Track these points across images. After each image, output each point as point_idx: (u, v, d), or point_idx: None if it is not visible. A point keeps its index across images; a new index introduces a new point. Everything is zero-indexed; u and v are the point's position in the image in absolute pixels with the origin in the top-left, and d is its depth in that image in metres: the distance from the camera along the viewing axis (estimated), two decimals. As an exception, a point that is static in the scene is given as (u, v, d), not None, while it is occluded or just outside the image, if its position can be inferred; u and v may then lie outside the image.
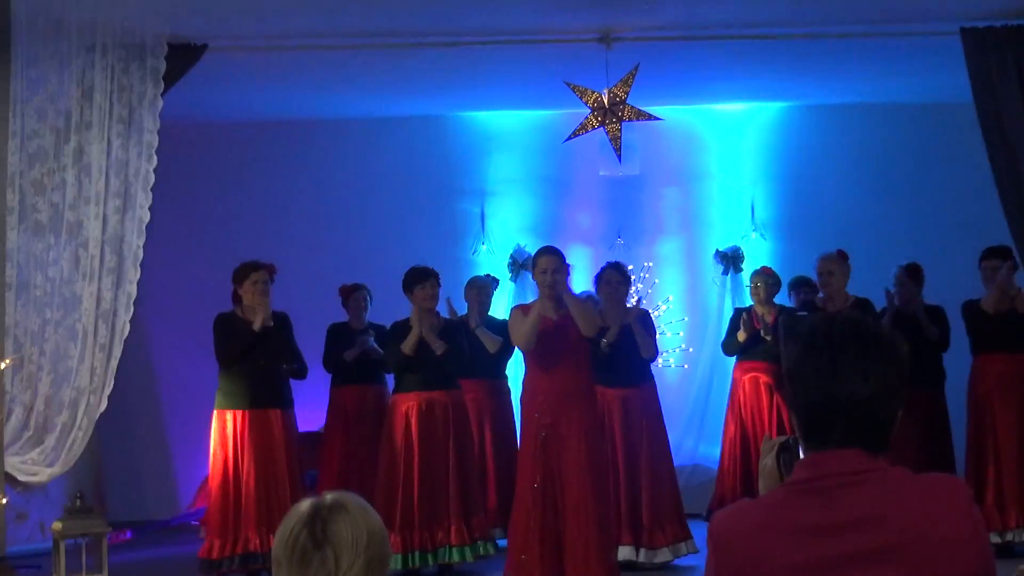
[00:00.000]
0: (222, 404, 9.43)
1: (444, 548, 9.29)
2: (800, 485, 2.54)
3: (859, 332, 2.57)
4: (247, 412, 9.34)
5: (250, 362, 9.37)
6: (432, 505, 9.32)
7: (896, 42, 10.50)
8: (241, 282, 9.45)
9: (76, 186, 8.47)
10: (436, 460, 9.39)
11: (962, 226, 12.40)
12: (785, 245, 12.90)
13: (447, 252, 12.10)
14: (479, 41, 10.01)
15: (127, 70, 8.56)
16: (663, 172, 12.96)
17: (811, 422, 2.57)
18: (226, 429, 9.35)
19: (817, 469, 2.53)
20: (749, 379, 10.87)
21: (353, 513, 2.75)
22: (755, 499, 2.69)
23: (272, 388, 9.48)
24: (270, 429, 9.37)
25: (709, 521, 2.69)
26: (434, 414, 9.45)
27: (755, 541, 2.51)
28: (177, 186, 11.20)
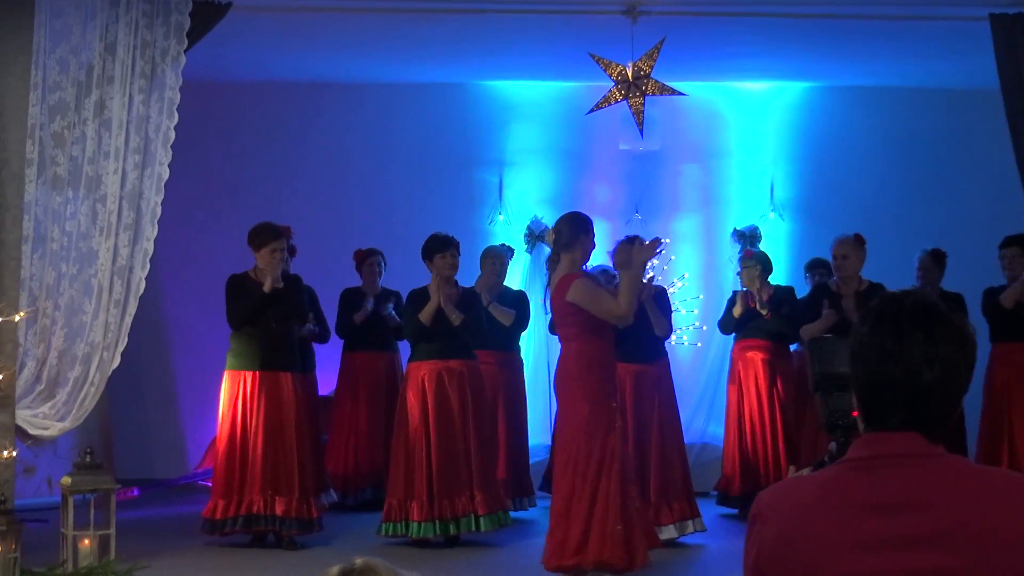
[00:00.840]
0: (233, 365, 9.44)
1: (469, 517, 9.30)
2: (855, 463, 2.52)
3: (928, 315, 2.54)
4: (257, 374, 9.35)
5: (261, 324, 9.37)
6: (452, 475, 9.34)
7: (924, 25, 10.46)
8: (259, 248, 9.42)
9: (96, 140, 8.42)
10: (452, 429, 9.41)
11: (983, 214, 12.40)
12: (803, 226, 12.88)
13: (463, 221, 12.07)
14: (507, 10, 9.95)
15: (151, 25, 8.50)
16: (683, 148, 12.94)
17: (871, 402, 2.55)
18: (236, 390, 9.37)
19: (874, 448, 2.51)
20: (748, 358, 10.92)
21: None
22: (804, 476, 2.68)
23: (283, 350, 9.47)
24: (280, 392, 9.36)
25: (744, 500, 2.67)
26: (450, 383, 9.46)
27: (805, 517, 2.50)
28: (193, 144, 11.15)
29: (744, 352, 10.97)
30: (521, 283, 12.33)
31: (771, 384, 10.84)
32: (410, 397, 9.51)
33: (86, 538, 8.01)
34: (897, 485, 2.46)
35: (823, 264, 11.17)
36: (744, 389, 10.92)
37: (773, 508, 2.56)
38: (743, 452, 10.90)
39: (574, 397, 8.04)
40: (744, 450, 10.89)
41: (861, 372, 2.55)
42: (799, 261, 12.11)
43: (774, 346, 10.92)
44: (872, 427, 2.55)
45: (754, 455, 10.84)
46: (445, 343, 9.53)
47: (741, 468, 10.88)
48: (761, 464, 10.84)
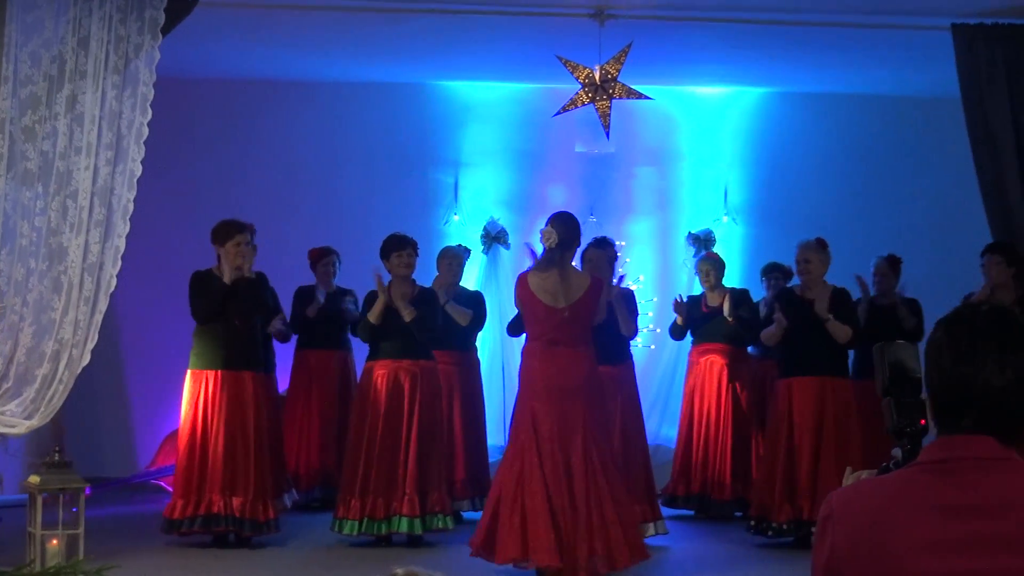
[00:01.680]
0: (196, 364, 9.42)
1: (396, 518, 9.32)
2: (931, 465, 2.56)
3: (1003, 322, 2.60)
4: (219, 373, 9.33)
5: (224, 322, 9.35)
6: (389, 475, 9.36)
7: (881, 33, 10.62)
8: (223, 242, 9.40)
9: (68, 135, 8.31)
10: (397, 430, 9.43)
11: (937, 220, 12.62)
12: (757, 230, 13.02)
13: (419, 221, 12.06)
14: (474, 10, 9.98)
15: (125, 20, 8.40)
16: (638, 152, 13.06)
17: (945, 406, 2.60)
18: (198, 389, 9.35)
19: (948, 451, 2.55)
20: (707, 362, 11.02)
21: None
22: (877, 478, 2.72)
23: (247, 349, 9.47)
24: (242, 391, 9.36)
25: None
26: (402, 384, 9.47)
27: (882, 517, 2.54)
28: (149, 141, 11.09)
29: (702, 356, 11.07)
30: (477, 284, 12.36)
31: (731, 388, 10.95)
32: (363, 397, 9.54)
33: (54, 538, 7.95)
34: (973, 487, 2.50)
35: (778, 268, 11.31)
36: (701, 392, 11.01)
37: (847, 509, 2.60)
38: (693, 455, 11.00)
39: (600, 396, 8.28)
40: (695, 453, 10.99)
41: (936, 375, 2.61)
42: (752, 265, 12.24)
43: (732, 349, 11.04)
44: (945, 430, 2.60)
45: (705, 458, 10.94)
46: (401, 343, 9.53)
47: (690, 471, 10.98)
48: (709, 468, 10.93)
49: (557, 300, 8.24)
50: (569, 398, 8.19)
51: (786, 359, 9.70)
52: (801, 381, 9.48)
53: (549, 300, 8.23)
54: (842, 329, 9.46)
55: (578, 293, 8.24)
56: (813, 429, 9.39)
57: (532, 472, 8.04)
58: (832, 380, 9.47)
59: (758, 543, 9.65)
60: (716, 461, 10.91)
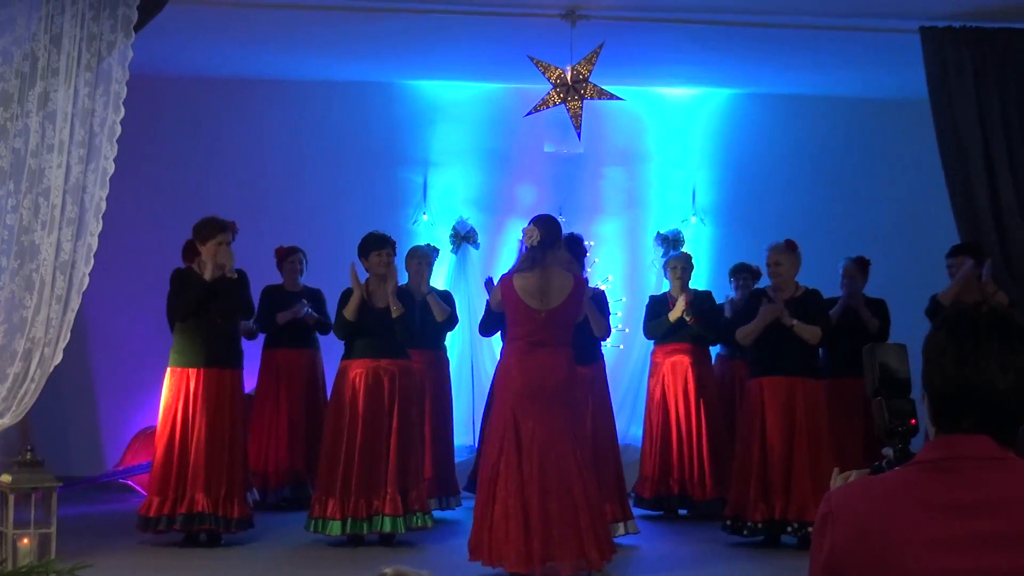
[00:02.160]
0: (176, 362, 9.41)
1: (378, 517, 9.32)
2: (930, 464, 2.59)
3: (1005, 324, 2.63)
4: (201, 371, 9.33)
5: (205, 319, 9.34)
6: (370, 474, 9.34)
7: (850, 36, 10.66)
8: (205, 242, 9.38)
9: (40, 133, 8.28)
10: (378, 429, 9.40)
11: (905, 221, 12.72)
12: (725, 231, 13.09)
13: (387, 220, 11.98)
14: (445, 10, 9.99)
15: (97, 18, 8.37)
16: (607, 152, 13.10)
17: (945, 406, 2.63)
18: (179, 387, 9.33)
19: (950, 450, 2.59)
20: (672, 363, 11.05)
21: None
22: (877, 476, 2.75)
23: (227, 347, 9.49)
24: (223, 389, 9.37)
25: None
26: (382, 383, 9.46)
27: (881, 515, 2.56)
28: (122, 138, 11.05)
29: (669, 356, 11.10)
30: (446, 283, 12.37)
31: (698, 387, 11.00)
32: (341, 396, 9.50)
33: (26, 537, 7.92)
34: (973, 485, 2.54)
35: (747, 268, 11.38)
36: (669, 393, 11.04)
37: (847, 507, 2.63)
38: (665, 455, 11.03)
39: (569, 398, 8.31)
40: (667, 453, 11.03)
41: (937, 377, 2.64)
42: (721, 265, 12.31)
43: (697, 349, 11.09)
44: (944, 430, 2.63)
45: (679, 458, 10.98)
46: (379, 342, 9.52)
47: (660, 471, 11.02)
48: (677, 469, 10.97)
49: (540, 301, 8.27)
50: (550, 399, 8.22)
51: (756, 359, 9.75)
52: (772, 381, 9.54)
53: (532, 301, 8.27)
54: (810, 331, 9.53)
55: (562, 294, 8.27)
56: (785, 428, 9.45)
57: (508, 475, 8.07)
58: (802, 380, 9.53)
59: (731, 542, 9.71)
60: (694, 461, 10.95)
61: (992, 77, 9.86)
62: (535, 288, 8.28)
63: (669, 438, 11.04)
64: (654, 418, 11.14)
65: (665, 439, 11.06)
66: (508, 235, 12.87)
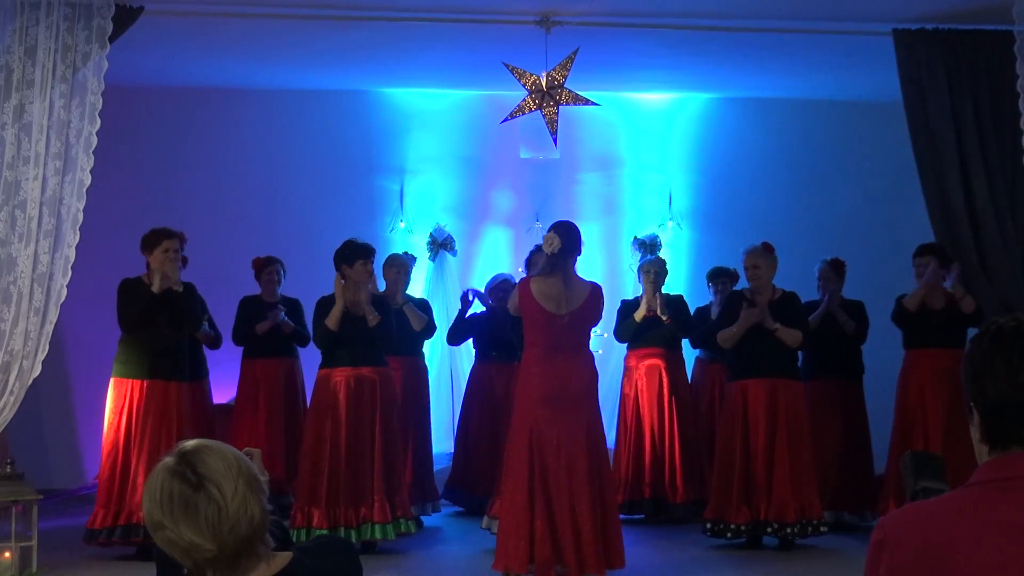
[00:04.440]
0: (120, 372, 9.34)
1: (367, 524, 9.33)
2: (988, 484, 2.51)
3: None
4: (144, 383, 9.27)
5: (151, 329, 9.29)
6: (356, 482, 9.33)
7: (823, 39, 10.72)
8: (151, 249, 9.36)
9: (16, 145, 8.33)
10: (362, 437, 9.39)
11: (880, 222, 12.81)
12: (703, 235, 13.16)
13: (364, 228, 12.05)
14: (419, 18, 10.01)
15: (72, 29, 8.43)
16: (582, 158, 13.17)
17: (999, 422, 2.55)
18: (122, 398, 9.26)
19: (1007, 469, 2.51)
20: (646, 367, 11.08)
21: (214, 446, 2.87)
22: (932, 499, 2.65)
23: (173, 358, 9.40)
24: (167, 402, 9.28)
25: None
26: (363, 391, 9.45)
27: (946, 539, 2.48)
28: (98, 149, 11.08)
29: (643, 360, 11.13)
30: (424, 291, 12.40)
31: (672, 391, 11.04)
32: (321, 405, 9.49)
33: (7, 550, 7.94)
34: None
35: (725, 273, 11.41)
36: (642, 396, 11.07)
37: (902, 533, 2.55)
38: (637, 459, 11.06)
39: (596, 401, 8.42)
40: (639, 457, 11.06)
41: (990, 390, 2.55)
42: (698, 269, 12.36)
43: (670, 353, 11.13)
44: (1000, 447, 2.55)
45: (652, 462, 11.01)
46: (358, 350, 9.50)
47: (633, 475, 11.06)
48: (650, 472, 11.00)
49: (559, 306, 8.29)
50: (571, 405, 8.24)
51: (737, 362, 9.79)
52: (753, 383, 9.60)
53: (551, 306, 8.28)
54: (791, 334, 9.59)
55: (580, 300, 8.32)
56: (766, 430, 9.51)
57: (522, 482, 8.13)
58: (784, 382, 9.59)
59: (713, 545, 9.76)
60: (667, 466, 10.99)
61: (965, 78, 9.94)
62: (556, 293, 8.30)
63: (642, 442, 11.06)
64: (628, 422, 11.16)
65: (638, 443, 11.08)
66: (485, 241, 12.92)
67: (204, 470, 2.80)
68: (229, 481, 2.79)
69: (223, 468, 2.80)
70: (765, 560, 9.31)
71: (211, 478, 2.78)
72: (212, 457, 2.82)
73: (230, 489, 2.78)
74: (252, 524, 2.81)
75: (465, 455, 11.35)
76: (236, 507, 2.78)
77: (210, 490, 2.77)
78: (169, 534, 2.79)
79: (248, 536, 2.81)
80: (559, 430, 8.17)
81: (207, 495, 2.76)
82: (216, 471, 2.79)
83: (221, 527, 2.77)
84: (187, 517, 2.77)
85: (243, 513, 2.79)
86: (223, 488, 2.78)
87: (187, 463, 2.81)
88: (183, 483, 2.78)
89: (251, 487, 2.82)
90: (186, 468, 2.80)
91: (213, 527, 2.76)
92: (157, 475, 2.83)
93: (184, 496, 2.77)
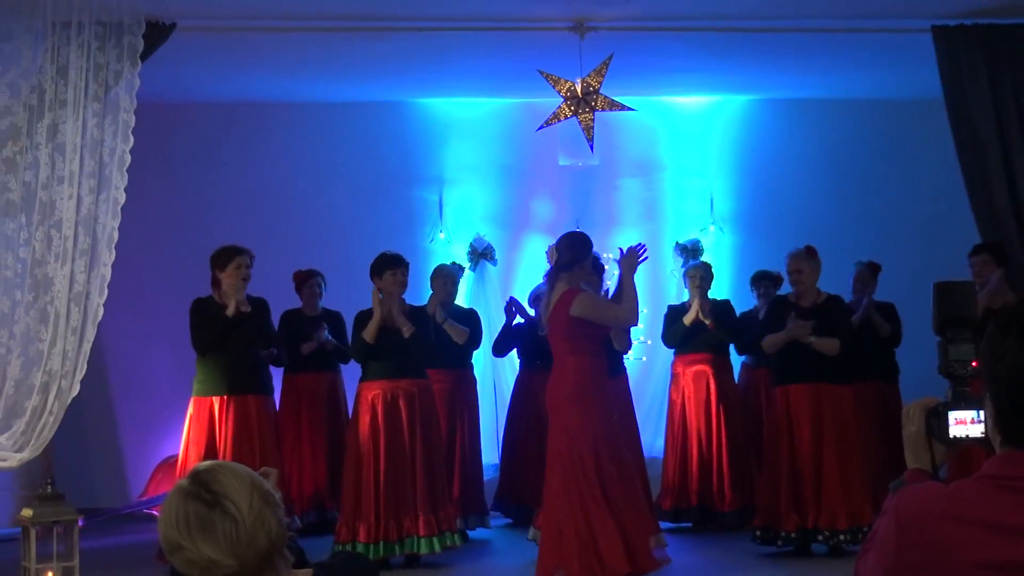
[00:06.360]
0: (200, 391, 9.46)
1: (411, 538, 9.32)
2: (997, 480, 2.47)
3: None
4: (224, 398, 9.37)
5: (228, 348, 9.37)
6: (398, 495, 9.33)
7: (863, 37, 10.65)
8: (224, 267, 9.45)
9: (50, 165, 8.37)
10: (401, 450, 9.39)
11: (923, 222, 12.69)
12: (745, 239, 13.09)
13: (404, 239, 12.07)
14: (453, 27, 10.02)
15: (103, 48, 8.47)
16: (622, 163, 13.13)
17: (1016, 416, 2.49)
18: (204, 416, 9.35)
19: (1019, 467, 2.46)
20: (693, 372, 11.03)
21: (227, 465, 2.89)
22: (945, 485, 2.61)
23: (251, 374, 9.54)
24: (247, 416, 9.40)
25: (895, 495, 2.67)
26: (400, 403, 9.46)
27: (946, 529, 2.46)
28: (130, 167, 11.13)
29: (690, 366, 11.08)
30: (466, 301, 12.37)
31: (719, 397, 10.98)
32: (361, 418, 9.50)
33: (49, 570, 7.95)
34: None
35: (768, 276, 11.35)
36: (690, 403, 11.02)
37: (914, 514, 2.53)
38: (684, 466, 11.01)
39: (572, 411, 8.24)
40: (686, 464, 11.01)
41: (1009, 384, 2.49)
42: (741, 273, 12.29)
43: (717, 359, 11.07)
44: (1016, 443, 2.50)
45: (699, 469, 10.95)
46: (395, 362, 9.51)
47: (680, 482, 11.00)
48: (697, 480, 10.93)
49: (544, 320, 8.50)
50: (555, 413, 8.37)
51: (781, 367, 9.71)
52: (798, 388, 9.53)
53: (543, 321, 8.49)
54: (829, 344, 9.51)
55: (550, 309, 8.38)
56: (813, 436, 9.44)
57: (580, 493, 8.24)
58: (829, 386, 9.51)
59: (763, 552, 9.69)
60: (714, 472, 10.93)
61: (1006, 73, 9.85)
62: (544, 307, 8.50)
63: (689, 449, 11.02)
64: (675, 429, 11.12)
65: (685, 450, 11.04)
66: (526, 250, 12.89)
67: (218, 487, 2.81)
68: (244, 496, 2.81)
69: (237, 484, 2.82)
70: (816, 568, 9.24)
71: (226, 494, 2.80)
72: (225, 475, 2.85)
73: (245, 503, 2.80)
74: (270, 537, 2.81)
75: (511, 466, 11.31)
76: (253, 521, 2.79)
77: (226, 506, 2.78)
78: (188, 554, 2.80)
79: (267, 550, 2.82)
80: (549, 439, 8.42)
81: (223, 511, 2.78)
82: (230, 487, 2.81)
83: (239, 542, 2.77)
84: (205, 535, 2.78)
85: (260, 526, 2.80)
86: (239, 503, 2.79)
87: (201, 483, 2.83)
88: (198, 502, 2.80)
89: (266, 501, 2.84)
90: (200, 488, 2.82)
91: (231, 542, 2.77)
92: (172, 498, 2.85)
93: (200, 515, 2.79)
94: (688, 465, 11.00)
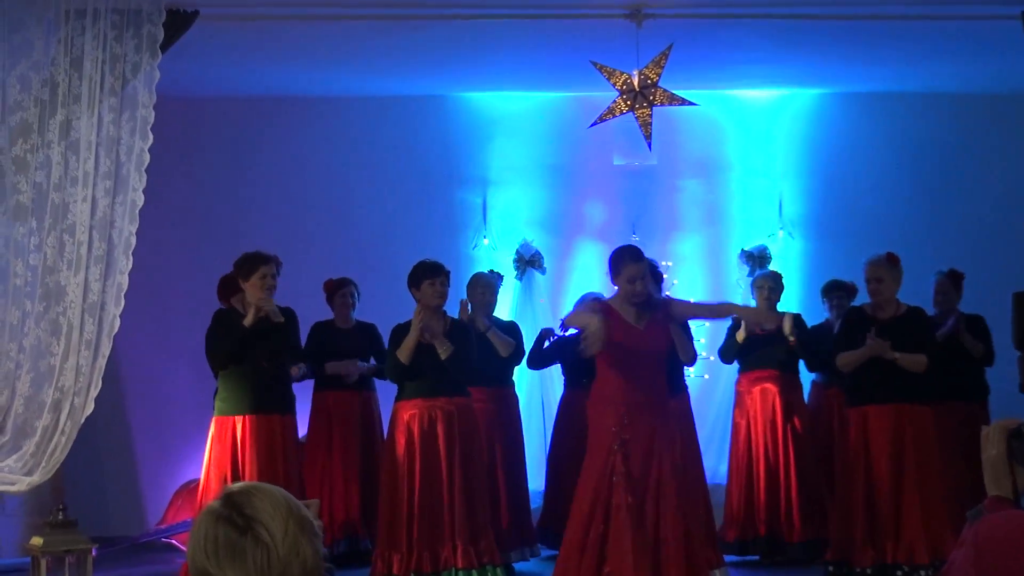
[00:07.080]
0: (222, 410, 9.43)
1: (449, 571, 9.26)
2: None
3: None
4: (248, 418, 9.34)
5: (250, 363, 9.34)
6: (433, 523, 9.28)
7: (944, 25, 10.55)
8: (247, 277, 9.38)
9: (62, 165, 8.35)
10: (438, 474, 9.34)
11: (1010, 225, 12.54)
12: (817, 245, 12.98)
13: (445, 245, 12.02)
14: (498, 15, 9.99)
15: (120, 38, 8.44)
16: (682, 163, 13.04)
17: None
18: (226, 437, 9.33)
19: None
20: (759, 391, 10.91)
21: (263, 487, 2.84)
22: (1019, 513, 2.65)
23: (275, 391, 9.51)
24: (272, 437, 9.38)
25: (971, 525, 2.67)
26: (438, 424, 9.40)
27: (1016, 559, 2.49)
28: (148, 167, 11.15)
29: (755, 383, 10.96)
30: (511, 313, 12.31)
31: (786, 417, 10.85)
32: (396, 440, 9.45)
33: (60, 604, 7.95)
34: None
35: (841, 287, 11.24)
36: (755, 424, 10.90)
37: (996, 543, 2.57)
38: (751, 494, 10.88)
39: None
40: (752, 491, 10.88)
41: None
42: (812, 283, 12.19)
43: (786, 376, 10.94)
44: None
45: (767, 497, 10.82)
46: (433, 380, 9.45)
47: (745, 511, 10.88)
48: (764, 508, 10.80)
49: None
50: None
51: (858, 386, 9.56)
52: (876, 409, 9.41)
53: None
54: (915, 361, 9.36)
55: None
56: (891, 462, 9.30)
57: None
58: (909, 407, 9.38)
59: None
60: (783, 501, 10.80)
61: (1105, 63, 9.74)
62: None
63: (755, 475, 10.89)
64: (739, 452, 11.00)
65: (750, 476, 10.91)
66: (576, 258, 12.83)
67: (251, 511, 2.77)
68: (278, 522, 2.76)
69: (271, 509, 2.78)
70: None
71: (259, 519, 2.76)
72: (260, 498, 2.80)
73: (280, 530, 2.75)
74: (305, 568, 2.76)
75: (556, 491, 11.18)
76: (287, 550, 2.74)
77: (258, 531, 2.74)
78: None
79: None
80: None
81: (255, 537, 2.74)
82: (264, 512, 2.77)
83: (271, 571, 2.73)
84: (234, 562, 2.74)
85: (294, 556, 2.75)
86: (272, 529, 2.75)
87: (233, 505, 2.79)
88: (229, 526, 2.76)
89: (302, 528, 2.78)
90: (232, 511, 2.78)
91: (262, 571, 2.73)
92: (202, 520, 2.82)
93: (230, 540, 2.75)
94: (754, 493, 10.87)
